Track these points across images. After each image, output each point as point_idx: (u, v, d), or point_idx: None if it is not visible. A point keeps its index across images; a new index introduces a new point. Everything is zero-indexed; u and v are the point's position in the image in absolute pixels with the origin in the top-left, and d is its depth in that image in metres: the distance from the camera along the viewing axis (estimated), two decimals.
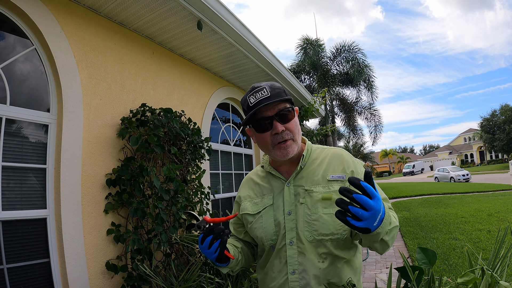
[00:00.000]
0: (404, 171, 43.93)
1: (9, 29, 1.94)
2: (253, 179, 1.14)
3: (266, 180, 1.09)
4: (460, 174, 20.45)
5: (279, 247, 0.99)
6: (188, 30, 2.75)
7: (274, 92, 0.96)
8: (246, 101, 0.99)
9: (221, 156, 4.06)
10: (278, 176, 1.06)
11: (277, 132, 0.95)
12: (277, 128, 0.95)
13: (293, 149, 0.98)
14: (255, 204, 1.07)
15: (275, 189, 1.05)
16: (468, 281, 1.08)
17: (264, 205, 1.04)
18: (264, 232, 1.01)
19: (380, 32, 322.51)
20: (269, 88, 0.96)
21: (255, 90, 0.97)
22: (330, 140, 11.59)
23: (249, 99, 0.97)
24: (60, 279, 1.93)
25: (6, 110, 1.84)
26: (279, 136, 0.96)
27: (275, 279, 1.00)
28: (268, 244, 1.01)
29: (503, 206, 7.22)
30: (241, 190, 1.16)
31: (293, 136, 0.98)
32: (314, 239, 0.95)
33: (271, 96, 0.95)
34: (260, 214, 1.04)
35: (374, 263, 4.30)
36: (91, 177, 2.17)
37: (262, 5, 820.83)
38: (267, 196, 1.05)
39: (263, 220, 1.02)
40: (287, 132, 0.97)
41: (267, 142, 0.99)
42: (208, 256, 0.93)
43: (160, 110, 2.63)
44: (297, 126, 1.00)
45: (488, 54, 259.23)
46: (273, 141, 0.97)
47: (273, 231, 1.00)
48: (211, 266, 2.59)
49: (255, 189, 1.11)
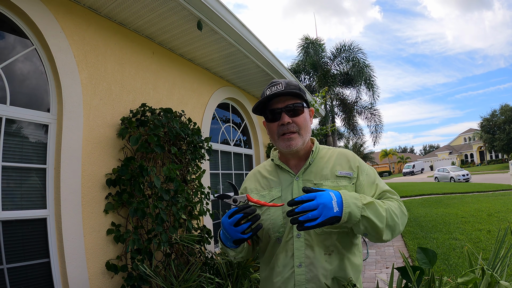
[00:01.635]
0: (404, 171, 43.92)
1: (9, 29, 1.94)
2: (261, 172, 1.17)
3: (274, 174, 1.12)
4: (460, 174, 20.45)
5: (286, 239, 1.00)
6: (188, 30, 2.75)
7: (289, 88, 1.02)
8: (263, 93, 1.07)
9: (221, 156, 4.06)
10: (287, 170, 1.09)
11: (283, 123, 1.02)
12: (284, 119, 1.02)
13: (297, 143, 1.03)
14: (262, 196, 1.08)
15: (283, 182, 1.08)
16: (468, 281, 1.08)
17: (272, 197, 1.06)
18: (272, 223, 1.02)
19: (380, 32, 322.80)
20: (285, 84, 1.03)
21: (272, 84, 1.05)
22: (330, 140, 11.59)
23: (266, 91, 1.05)
24: (60, 279, 1.93)
25: (6, 110, 1.84)
26: (285, 128, 1.02)
27: (281, 273, 1.00)
28: (275, 236, 1.02)
29: (503, 206, 7.22)
30: (248, 182, 1.18)
31: (299, 130, 1.03)
32: (322, 231, 0.97)
33: (284, 91, 1.02)
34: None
35: (374, 263, 4.30)
36: (91, 177, 2.17)
37: (260, 5, 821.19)
38: (275, 189, 1.08)
39: (270, 212, 1.04)
40: (293, 125, 1.03)
41: (274, 132, 1.05)
42: (230, 232, 0.91)
43: (160, 110, 2.63)
44: (305, 122, 1.05)
45: (487, 54, 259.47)
46: (279, 132, 1.04)
47: (281, 223, 1.01)
48: (211, 266, 2.59)
49: (262, 182, 1.13)
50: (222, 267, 2.50)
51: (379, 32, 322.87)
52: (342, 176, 1.03)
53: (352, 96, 13.59)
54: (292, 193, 1.03)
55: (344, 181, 1.02)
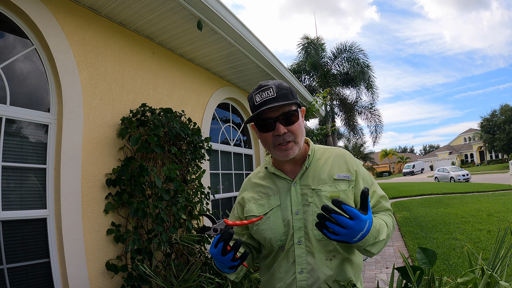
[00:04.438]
0: (404, 171, 43.92)
1: (9, 29, 1.94)
2: (255, 181, 1.13)
3: (269, 181, 1.08)
4: (460, 174, 20.44)
5: (287, 247, 0.99)
6: (188, 30, 2.75)
7: (280, 93, 0.95)
8: (252, 99, 0.99)
9: (221, 156, 4.06)
10: (283, 177, 1.06)
11: (278, 134, 0.96)
12: (279, 130, 0.95)
13: (294, 151, 0.99)
14: (261, 205, 1.05)
15: (281, 190, 1.05)
16: (468, 281, 1.08)
17: (271, 206, 1.03)
18: (273, 233, 1.00)
19: (379, 33, 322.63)
20: (275, 88, 0.95)
21: (261, 89, 0.96)
22: (330, 140, 11.59)
23: (255, 97, 0.97)
24: (60, 279, 1.93)
25: (6, 110, 1.84)
26: (281, 138, 0.96)
27: (282, 279, 1.00)
28: (277, 245, 1.00)
29: (503, 206, 7.22)
30: (244, 192, 1.14)
31: (295, 139, 0.98)
32: (323, 237, 0.96)
33: (276, 97, 0.94)
34: (267, 215, 1.03)
35: (374, 263, 4.30)
36: (91, 177, 2.17)
37: (257, 5, 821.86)
38: (273, 197, 1.04)
39: (271, 221, 1.01)
40: (289, 134, 0.97)
41: (269, 142, 0.99)
42: (221, 261, 0.89)
43: (160, 110, 2.63)
44: (300, 128, 1.00)
45: (487, 55, 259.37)
46: (274, 142, 0.98)
47: (282, 232, 0.99)
48: (211, 266, 2.59)
49: (258, 190, 1.09)
50: None
51: (378, 33, 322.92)
52: (340, 179, 1.00)
53: (352, 96, 13.61)
54: (291, 200, 1.01)
55: (342, 184, 1.00)
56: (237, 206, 1.15)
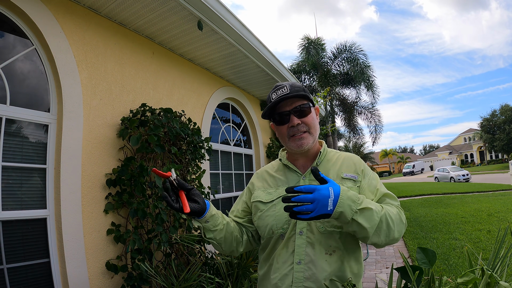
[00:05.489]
0: (404, 171, 43.90)
1: (9, 29, 1.95)
2: (268, 171, 1.20)
3: (281, 173, 1.15)
4: (460, 174, 20.43)
5: (288, 236, 1.02)
6: (188, 30, 2.75)
7: (293, 89, 1.06)
8: (269, 98, 1.10)
9: (221, 156, 4.06)
10: (294, 169, 1.12)
11: (293, 125, 1.05)
12: (293, 121, 1.05)
13: (308, 141, 1.06)
14: (269, 193, 1.11)
15: (290, 181, 1.10)
16: (468, 281, 1.08)
17: (279, 195, 1.08)
18: (276, 220, 1.04)
19: (378, 33, 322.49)
20: (289, 86, 1.06)
21: (277, 88, 1.08)
22: (330, 140, 11.59)
23: (272, 96, 1.08)
24: (60, 279, 1.93)
25: (6, 110, 1.84)
26: (295, 129, 1.05)
27: (279, 269, 1.01)
28: (278, 232, 1.04)
29: (503, 206, 7.22)
30: (255, 179, 1.21)
31: (309, 129, 1.07)
32: (325, 230, 0.98)
33: (290, 93, 1.05)
34: (273, 203, 1.08)
35: (374, 263, 4.30)
36: (91, 177, 2.17)
37: (256, 6, 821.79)
38: (281, 187, 1.10)
39: (276, 209, 1.06)
40: (303, 125, 1.06)
41: (284, 134, 1.08)
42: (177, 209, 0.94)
43: (160, 110, 2.63)
44: (314, 121, 1.09)
45: (486, 55, 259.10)
46: (289, 133, 1.07)
47: (285, 219, 1.03)
48: (211, 266, 2.60)
49: (269, 180, 1.16)
50: (222, 267, 2.50)
51: (378, 33, 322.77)
52: (347, 178, 1.06)
53: (352, 96, 13.60)
54: None
55: (349, 183, 1.05)
56: (246, 192, 1.22)
